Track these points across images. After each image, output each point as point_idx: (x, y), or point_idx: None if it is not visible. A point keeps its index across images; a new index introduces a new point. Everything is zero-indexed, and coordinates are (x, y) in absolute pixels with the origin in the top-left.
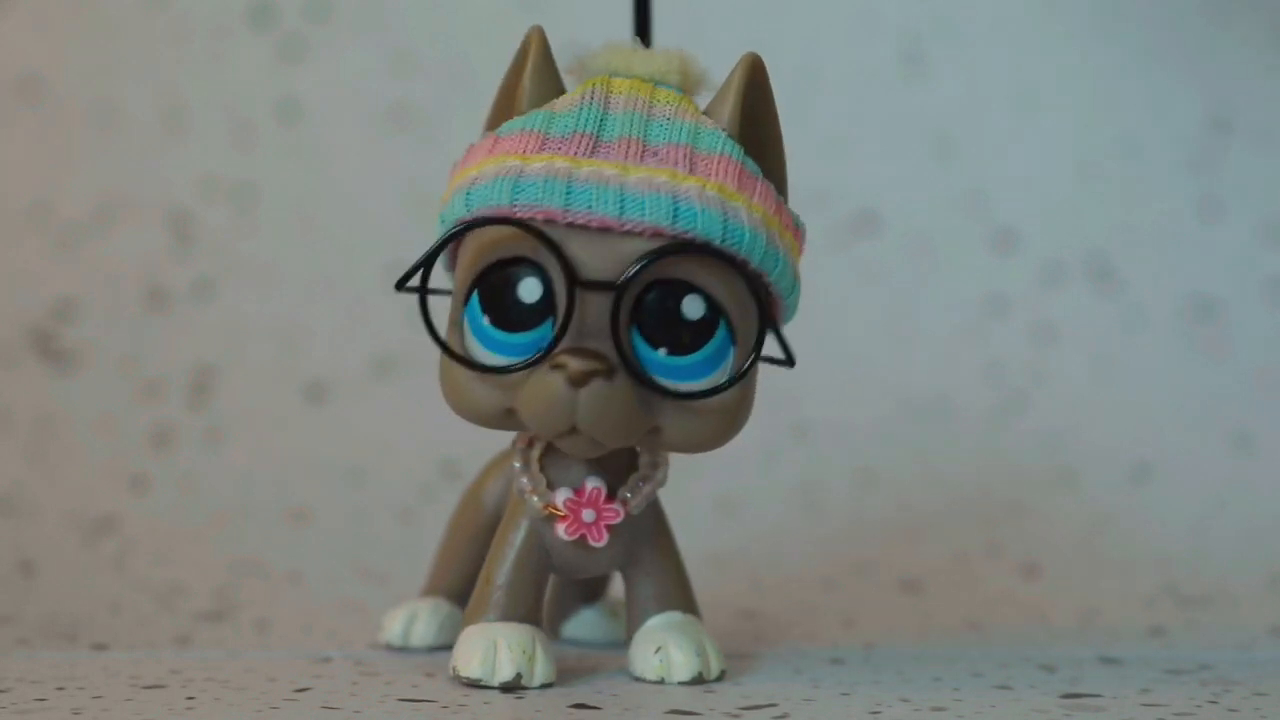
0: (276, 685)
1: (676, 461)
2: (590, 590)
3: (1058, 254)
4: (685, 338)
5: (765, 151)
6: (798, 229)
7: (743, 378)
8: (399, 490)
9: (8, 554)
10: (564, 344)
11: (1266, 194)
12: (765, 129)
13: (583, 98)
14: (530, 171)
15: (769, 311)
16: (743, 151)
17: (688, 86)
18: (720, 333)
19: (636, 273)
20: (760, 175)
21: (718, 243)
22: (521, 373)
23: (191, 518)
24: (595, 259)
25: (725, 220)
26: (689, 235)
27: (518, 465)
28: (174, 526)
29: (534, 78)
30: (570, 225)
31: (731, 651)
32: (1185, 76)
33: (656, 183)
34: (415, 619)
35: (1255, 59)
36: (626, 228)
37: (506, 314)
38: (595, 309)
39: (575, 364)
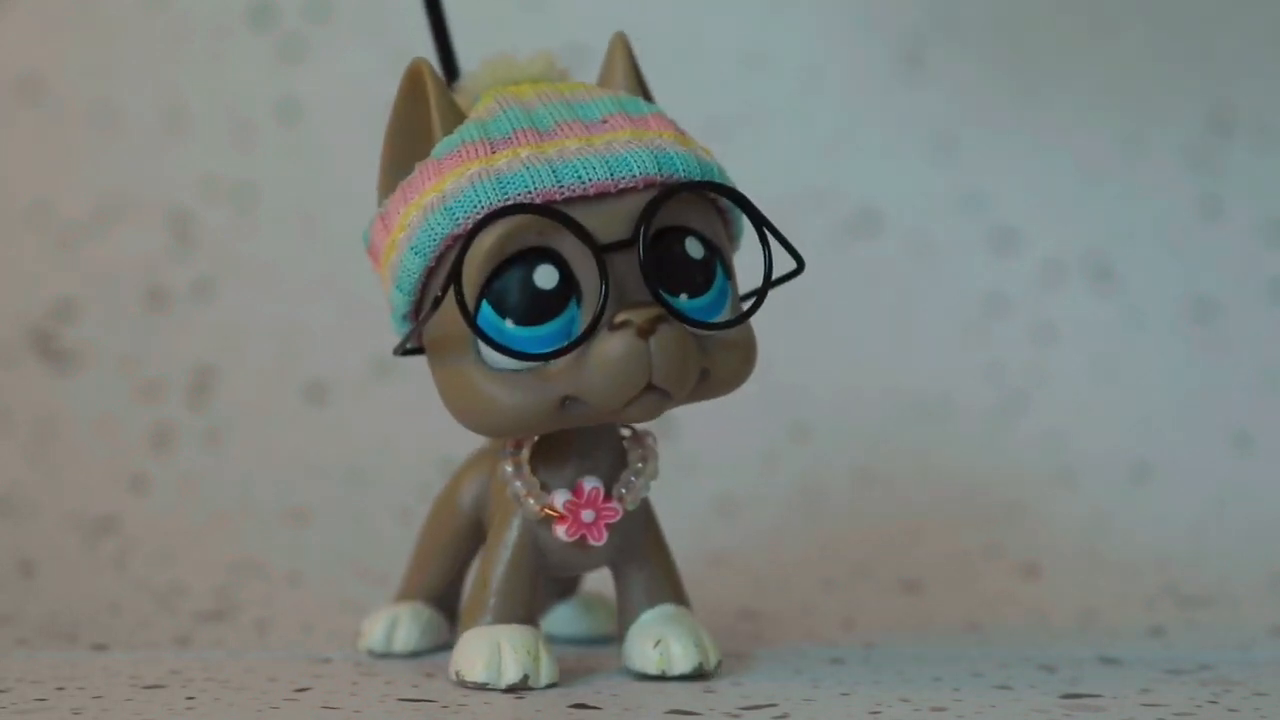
0: (276, 685)
1: (676, 461)
2: (564, 586)
3: (1058, 254)
4: (697, 278)
5: None
6: None
7: (769, 287)
8: (399, 490)
9: (8, 554)
10: (609, 310)
11: (1266, 194)
12: (649, 97)
13: (497, 104)
14: (502, 167)
15: (769, 228)
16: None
17: (563, 79)
18: (719, 269)
19: (649, 218)
20: None
21: (700, 178)
22: (571, 356)
23: (191, 518)
24: (602, 224)
25: (699, 161)
26: (677, 178)
27: (509, 470)
28: (174, 526)
29: (442, 103)
30: (568, 200)
31: (731, 651)
32: (1185, 76)
33: (625, 141)
34: (397, 624)
35: (1255, 59)
36: (621, 186)
37: (528, 308)
38: (618, 271)
39: (639, 315)
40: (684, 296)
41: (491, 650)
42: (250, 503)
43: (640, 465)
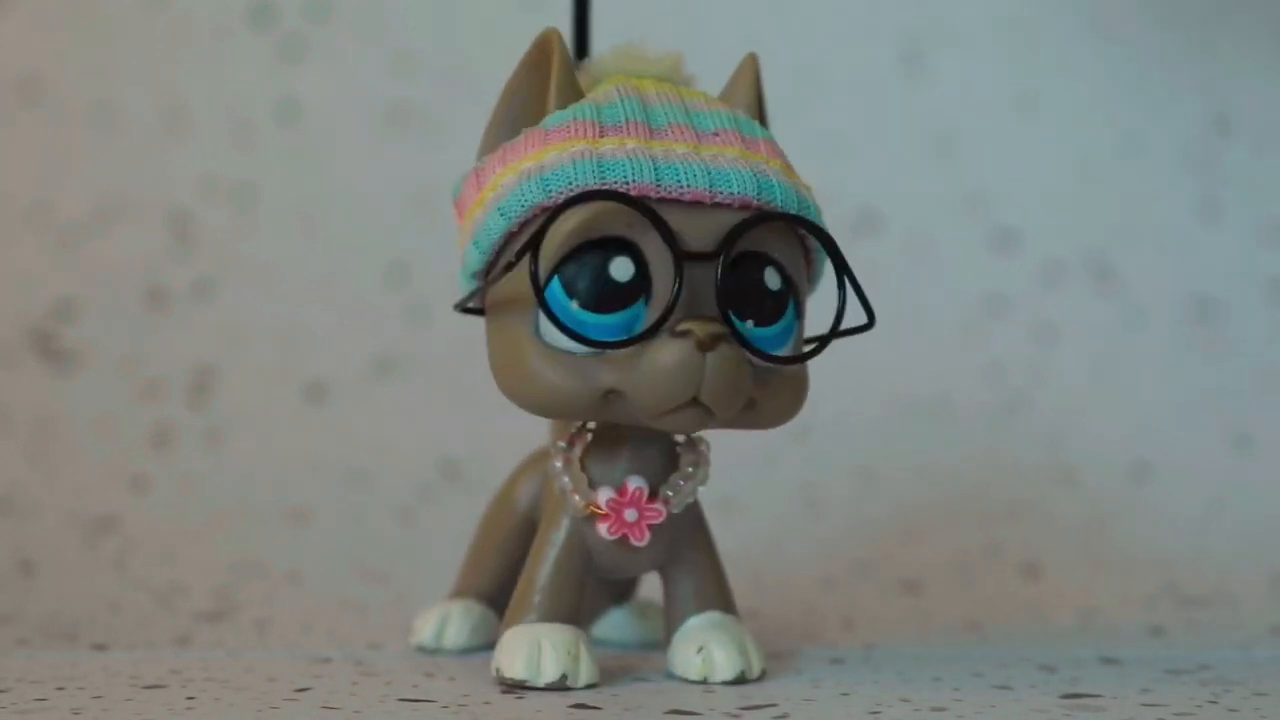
0: (276, 685)
1: None
2: (620, 591)
3: (1058, 254)
4: (768, 308)
5: None
6: None
7: (834, 336)
8: (399, 490)
9: (8, 554)
10: (674, 316)
11: (1266, 194)
12: (765, 122)
13: (618, 91)
14: (607, 152)
15: (850, 279)
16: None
17: (687, 84)
18: (791, 304)
19: (734, 239)
20: None
21: (795, 213)
22: (626, 351)
23: (191, 518)
24: (691, 231)
25: (798, 194)
26: (774, 207)
27: (558, 465)
28: (174, 526)
29: (563, 77)
30: (662, 200)
31: None
32: (1185, 76)
33: (731, 158)
34: (448, 621)
35: (1255, 59)
36: (717, 200)
37: (598, 295)
38: (693, 282)
39: (703, 329)
40: (751, 323)
41: (532, 648)
42: (250, 503)
43: (691, 470)
